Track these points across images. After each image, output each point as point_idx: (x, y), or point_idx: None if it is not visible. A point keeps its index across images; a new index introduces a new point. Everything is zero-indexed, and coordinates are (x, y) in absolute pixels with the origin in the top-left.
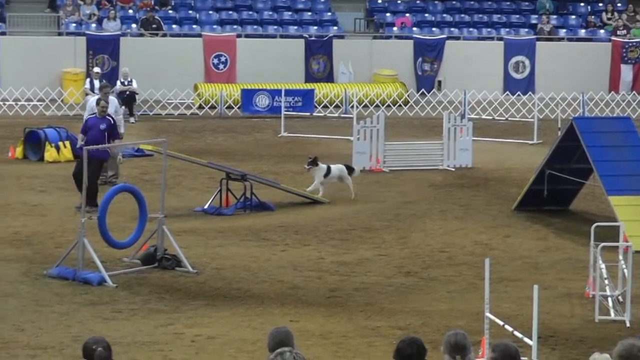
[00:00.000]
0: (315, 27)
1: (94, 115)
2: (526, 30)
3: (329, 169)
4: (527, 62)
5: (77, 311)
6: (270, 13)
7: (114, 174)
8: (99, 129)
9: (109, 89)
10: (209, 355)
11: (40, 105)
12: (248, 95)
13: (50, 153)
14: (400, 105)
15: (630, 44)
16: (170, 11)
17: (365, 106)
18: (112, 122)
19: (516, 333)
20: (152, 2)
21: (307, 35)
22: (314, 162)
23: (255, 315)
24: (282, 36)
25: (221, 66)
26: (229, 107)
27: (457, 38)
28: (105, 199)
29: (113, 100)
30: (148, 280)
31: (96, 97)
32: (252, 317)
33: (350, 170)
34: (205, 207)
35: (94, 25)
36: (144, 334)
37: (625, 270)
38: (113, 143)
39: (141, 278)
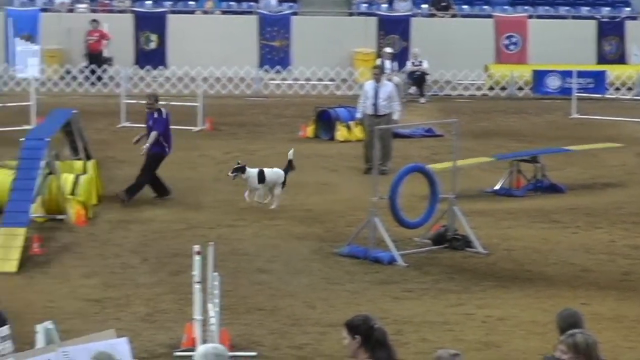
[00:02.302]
0: (608, 9)
1: None
2: None
3: (261, 174)
4: None
5: (367, 289)
6: None
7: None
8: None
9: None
10: (499, 337)
11: (331, 84)
12: (539, 76)
13: (341, 132)
14: None
15: None
16: None
17: None
18: (156, 116)
19: None
20: None
21: (599, 17)
22: (239, 169)
23: (546, 297)
24: (573, 17)
25: (512, 47)
26: (520, 88)
27: None
28: (397, 178)
29: (388, 84)
30: (438, 260)
31: (371, 80)
32: (542, 299)
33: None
34: (496, 188)
35: (384, 5)
36: (434, 313)
37: None
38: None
39: (431, 258)
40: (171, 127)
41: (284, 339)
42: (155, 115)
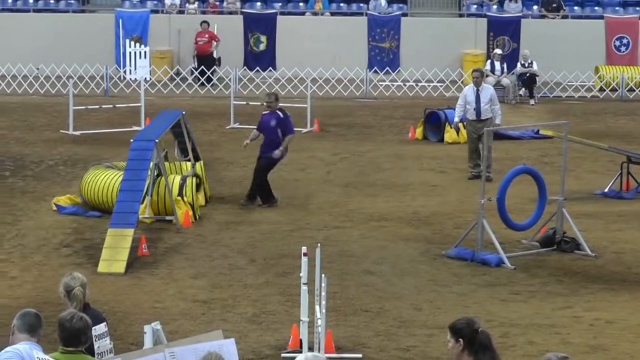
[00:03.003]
0: None
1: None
2: None
3: None
4: None
5: (474, 292)
6: None
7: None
8: (269, 126)
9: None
10: (607, 340)
11: (441, 86)
12: None
13: (450, 134)
14: None
15: None
16: None
17: None
18: (282, 117)
19: None
20: None
21: None
22: None
23: None
24: None
25: (623, 48)
26: (630, 90)
27: None
28: (504, 181)
29: (488, 88)
30: (546, 263)
31: (470, 85)
32: None
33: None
34: (606, 190)
35: (495, 6)
36: (541, 316)
37: None
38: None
39: (539, 260)
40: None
41: (390, 341)
42: (281, 115)
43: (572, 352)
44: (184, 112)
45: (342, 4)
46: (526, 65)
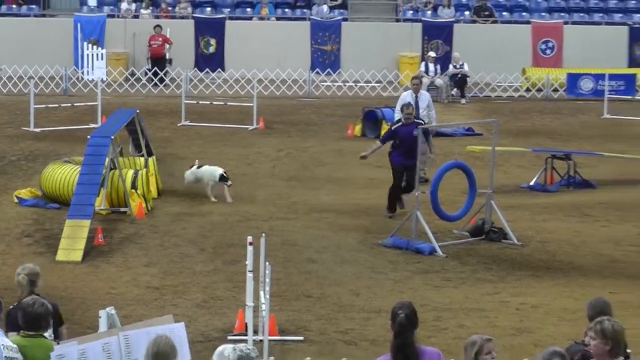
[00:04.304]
0: (639, 15)
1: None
2: None
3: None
4: None
5: (409, 278)
6: (596, 2)
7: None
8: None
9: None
10: (532, 323)
11: (378, 86)
12: (573, 79)
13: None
14: None
15: None
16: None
17: None
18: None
19: None
20: None
21: (630, 23)
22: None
23: (577, 286)
24: (607, 23)
25: (548, 51)
26: (555, 90)
27: None
28: (437, 175)
29: (426, 94)
30: (476, 251)
31: (408, 92)
32: (573, 287)
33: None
34: (531, 183)
35: (429, 12)
36: (471, 301)
37: None
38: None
39: (469, 249)
40: (229, 126)
41: (330, 324)
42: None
43: (500, 334)
44: (138, 111)
45: (286, 10)
46: (458, 66)
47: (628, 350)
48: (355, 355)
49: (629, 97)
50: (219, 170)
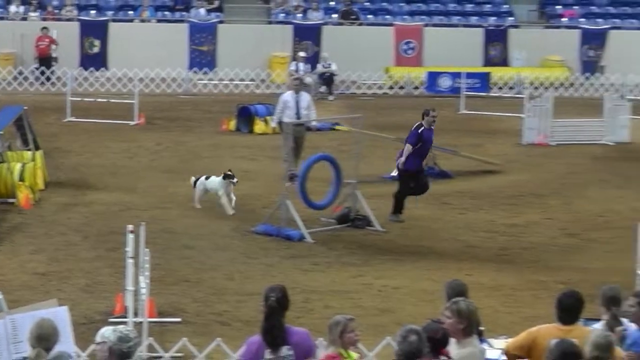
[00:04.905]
0: (494, 18)
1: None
2: None
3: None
4: None
5: (280, 263)
6: (454, 5)
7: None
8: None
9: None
10: (393, 304)
11: (251, 84)
12: (432, 77)
13: (259, 126)
14: (566, 87)
15: None
16: (366, 3)
17: (536, 87)
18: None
19: None
20: None
21: (486, 25)
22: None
23: (435, 269)
24: (464, 25)
25: (410, 51)
26: (416, 88)
27: (619, 28)
28: (305, 166)
29: (306, 96)
30: (342, 237)
31: (289, 92)
32: (432, 270)
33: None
34: (393, 174)
35: (299, 15)
36: (337, 284)
37: None
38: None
39: (336, 235)
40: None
41: (206, 307)
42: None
43: (364, 314)
44: (25, 108)
45: (166, 12)
46: (326, 65)
47: (481, 328)
48: (229, 335)
49: (484, 94)
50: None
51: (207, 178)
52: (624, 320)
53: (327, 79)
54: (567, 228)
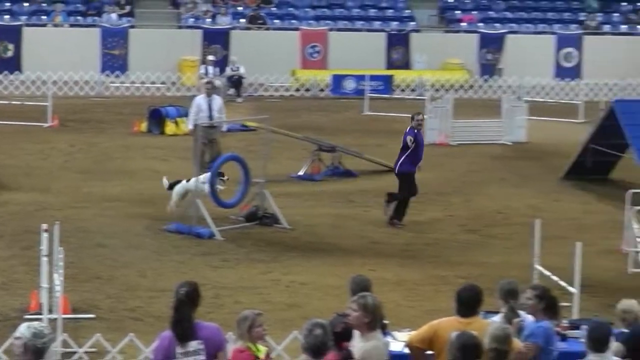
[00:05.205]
0: (396, 23)
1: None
2: (575, 25)
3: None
4: (575, 53)
5: (191, 260)
6: (358, 10)
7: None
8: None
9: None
10: (300, 299)
11: (162, 87)
12: (337, 79)
13: (170, 127)
14: (465, 89)
15: None
16: (273, 8)
17: (437, 89)
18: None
19: (561, 282)
20: (258, 1)
21: (388, 29)
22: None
23: (341, 265)
24: (367, 30)
25: (315, 55)
26: (321, 90)
27: (516, 32)
28: (214, 166)
29: (218, 99)
30: (251, 235)
31: (202, 95)
32: (337, 266)
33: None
34: (300, 173)
35: (208, 20)
36: (246, 280)
37: None
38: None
39: (245, 233)
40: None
41: (119, 303)
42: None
43: (272, 309)
44: None
45: (78, 17)
46: (234, 69)
47: (385, 322)
48: (142, 330)
49: (387, 95)
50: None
51: (188, 181)
52: (521, 312)
53: (236, 82)
54: (467, 225)
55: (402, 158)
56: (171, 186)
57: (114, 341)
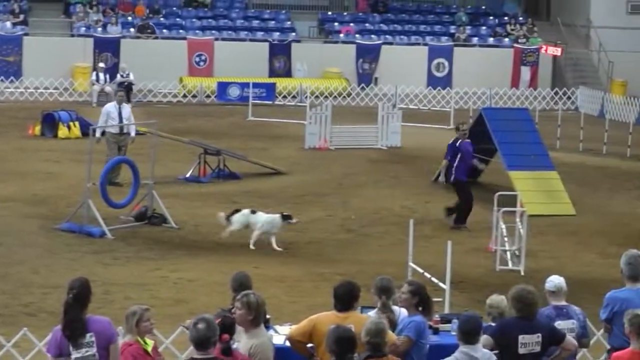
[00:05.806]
0: (278, 33)
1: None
2: (446, 37)
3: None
4: (446, 63)
5: (82, 258)
6: (242, 21)
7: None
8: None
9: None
10: (187, 295)
11: (55, 92)
12: (222, 86)
13: (62, 131)
14: (344, 97)
15: (528, 50)
16: (162, 19)
17: (317, 97)
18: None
19: (433, 279)
20: (147, 11)
21: (271, 40)
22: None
23: (226, 262)
24: (251, 40)
25: (201, 63)
26: (207, 96)
27: (391, 43)
28: (105, 168)
29: (127, 107)
30: (140, 234)
31: (112, 103)
32: (223, 264)
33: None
34: (187, 175)
35: (100, 29)
36: (136, 277)
37: (521, 230)
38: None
39: (134, 232)
40: None
41: (13, 299)
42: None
43: (160, 305)
44: None
45: None
46: (124, 75)
47: (268, 317)
48: (35, 325)
49: (270, 102)
50: (276, 216)
51: (253, 212)
52: (395, 307)
53: (126, 88)
54: (345, 224)
55: (454, 167)
56: (229, 216)
57: (9, 335)
